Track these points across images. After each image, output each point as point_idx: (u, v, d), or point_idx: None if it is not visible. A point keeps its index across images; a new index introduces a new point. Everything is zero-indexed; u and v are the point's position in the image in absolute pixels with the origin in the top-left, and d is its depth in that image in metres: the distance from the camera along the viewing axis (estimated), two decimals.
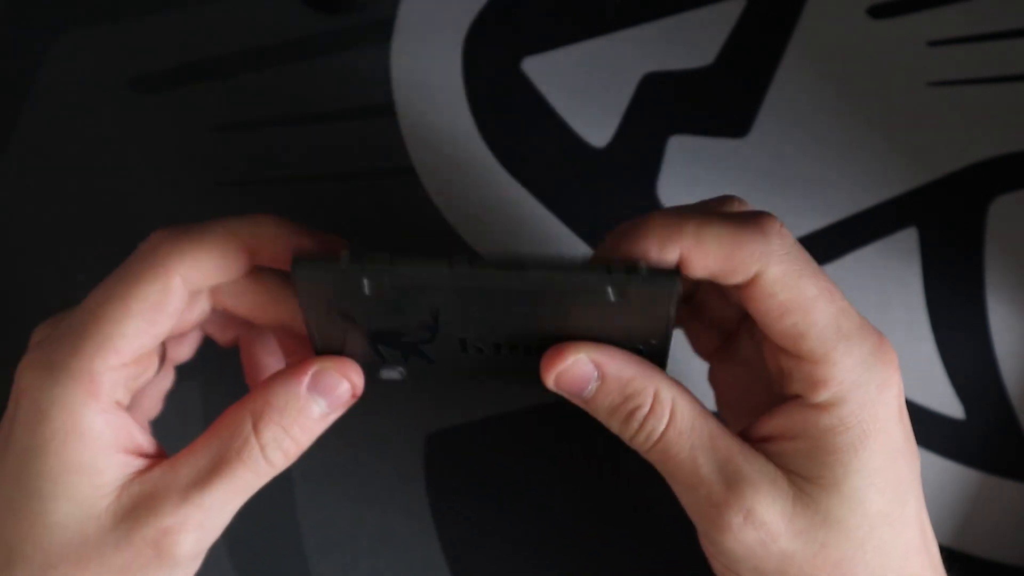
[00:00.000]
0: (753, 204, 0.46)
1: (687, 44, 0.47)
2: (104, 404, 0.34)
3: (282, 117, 0.47)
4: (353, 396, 0.36)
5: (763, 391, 0.38)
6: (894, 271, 0.46)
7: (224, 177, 0.47)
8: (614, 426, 0.35)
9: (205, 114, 0.47)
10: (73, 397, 0.33)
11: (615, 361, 0.34)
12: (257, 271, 0.36)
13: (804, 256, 0.33)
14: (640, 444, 0.35)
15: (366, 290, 0.33)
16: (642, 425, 0.34)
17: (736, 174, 0.46)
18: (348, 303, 0.34)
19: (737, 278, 0.33)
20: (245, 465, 0.34)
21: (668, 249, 0.33)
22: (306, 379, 0.35)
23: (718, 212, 0.34)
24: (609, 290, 0.33)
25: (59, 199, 0.46)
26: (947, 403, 0.46)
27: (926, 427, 0.45)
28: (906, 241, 0.46)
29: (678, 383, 0.35)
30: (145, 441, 0.35)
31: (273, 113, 0.47)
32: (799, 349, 0.33)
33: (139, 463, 0.34)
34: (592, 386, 0.34)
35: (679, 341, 0.40)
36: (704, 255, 0.33)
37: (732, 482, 0.33)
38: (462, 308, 0.34)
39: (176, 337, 0.39)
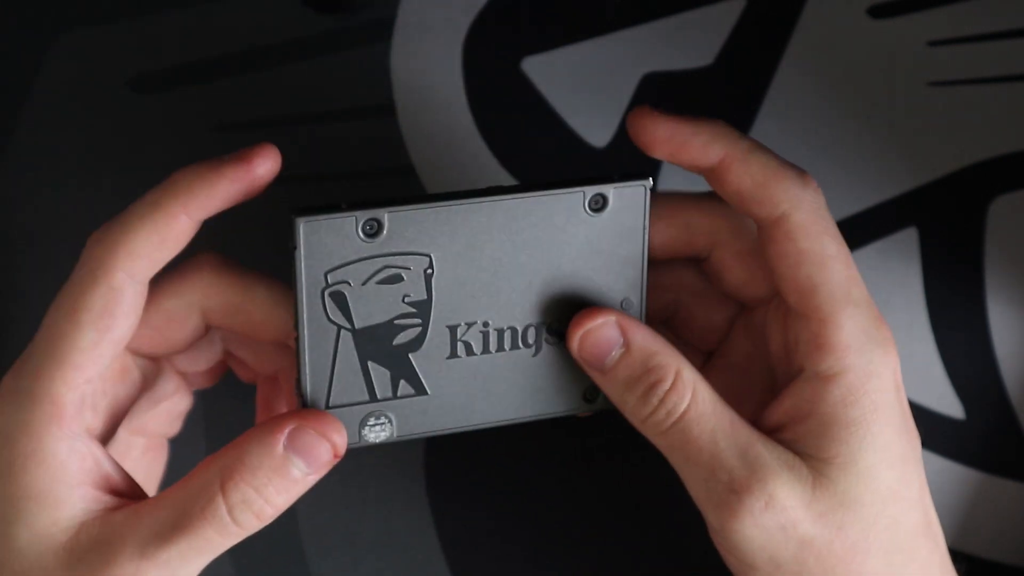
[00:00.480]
0: None
1: (687, 44, 0.47)
2: (69, 429, 0.32)
3: (282, 117, 0.47)
4: (335, 456, 0.33)
5: (754, 396, 0.38)
6: (894, 271, 0.46)
7: None
8: (630, 401, 0.34)
9: (205, 114, 0.47)
10: (34, 422, 0.32)
11: (642, 331, 0.34)
12: (249, 286, 0.36)
13: (830, 219, 0.34)
14: (657, 424, 0.34)
15: (360, 232, 0.33)
16: (663, 401, 0.33)
17: None
18: (344, 272, 0.33)
19: (763, 209, 0.34)
20: (209, 525, 0.32)
21: (715, 146, 0.34)
22: (282, 437, 0.32)
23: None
24: (585, 201, 0.34)
25: (59, 199, 0.46)
26: (947, 403, 0.46)
27: (926, 427, 0.45)
28: (906, 241, 0.46)
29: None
30: (118, 476, 0.34)
31: (273, 113, 0.47)
32: (807, 304, 0.34)
33: (107, 500, 0.33)
34: (615, 353, 0.34)
35: None
36: (744, 171, 0.34)
37: (754, 467, 0.33)
38: (454, 256, 0.34)
39: (189, 358, 0.38)
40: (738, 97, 0.47)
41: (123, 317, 0.33)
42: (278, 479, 0.32)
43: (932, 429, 0.45)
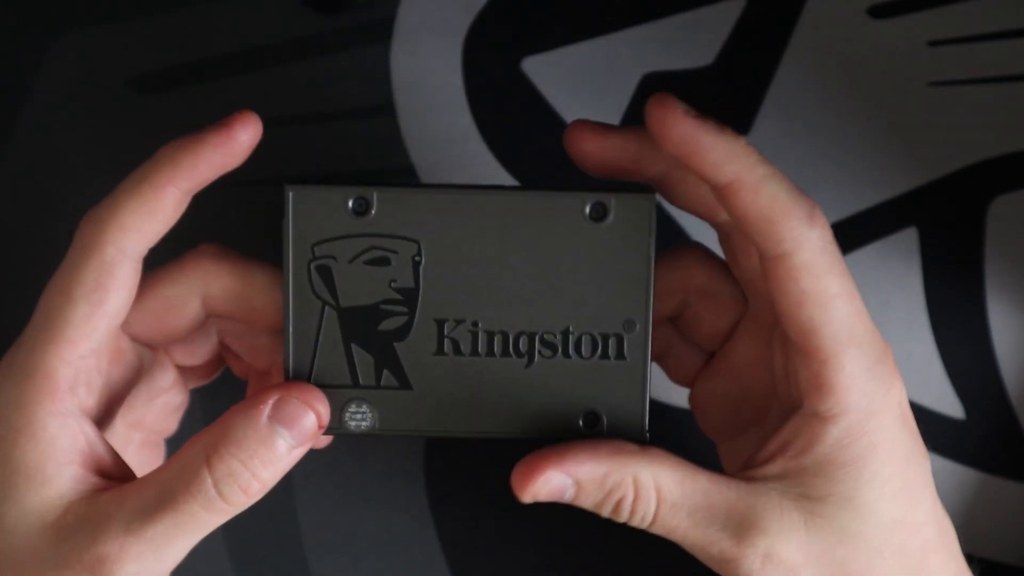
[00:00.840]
0: None
1: (687, 44, 0.47)
2: (62, 405, 0.33)
3: (282, 117, 0.47)
4: (319, 427, 0.33)
5: (756, 400, 0.37)
6: (894, 271, 0.46)
7: (224, 177, 0.47)
8: (604, 515, 0.34)
9: (205, 114, 0.47)
10: (26, 395, 0.32)
11: (584, 464, 0.33)
12: (248, 273, 0.36)
13: (836, 254, 0.33)
14: (637, 525, 0.34)
15: (349, 208, 0.33)
16: (633, 511, 0.33)
17: None
18: (331, 248, 0.33)
19: (765, 243, 0.33)
20: (195, 500, 0.32)
21: (728, 168, 0.32)
22: (267, 408, 0.32)
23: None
24: (584, 208, 0.34)
25: (59, 199, 0.46)
26: (947, 403, 0.46)
27: (926, 427, 0.45)
28: (906, 241, 0.46)
29: (653, 451, 0.34)
30: (109, 458, 0.34)
31: (273, 113, 0.47)
32: (809, 344, 0.33)
33: (95, 481, 0.33)
34: (570, 492, 0.34)
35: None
36: (752, 200, 0.32)
37: (741, 531, 0.33)
38: (444, 246, 0.33)
39: (186, 350, 0.38)
40: (738, 97, 0.47)
41: (115, 291, 0.33)
42: (264, 451, 0.32)
43: (932, 429, 0.45)
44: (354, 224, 0.33)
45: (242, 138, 0.33)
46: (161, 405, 0.39)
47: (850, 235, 0.46)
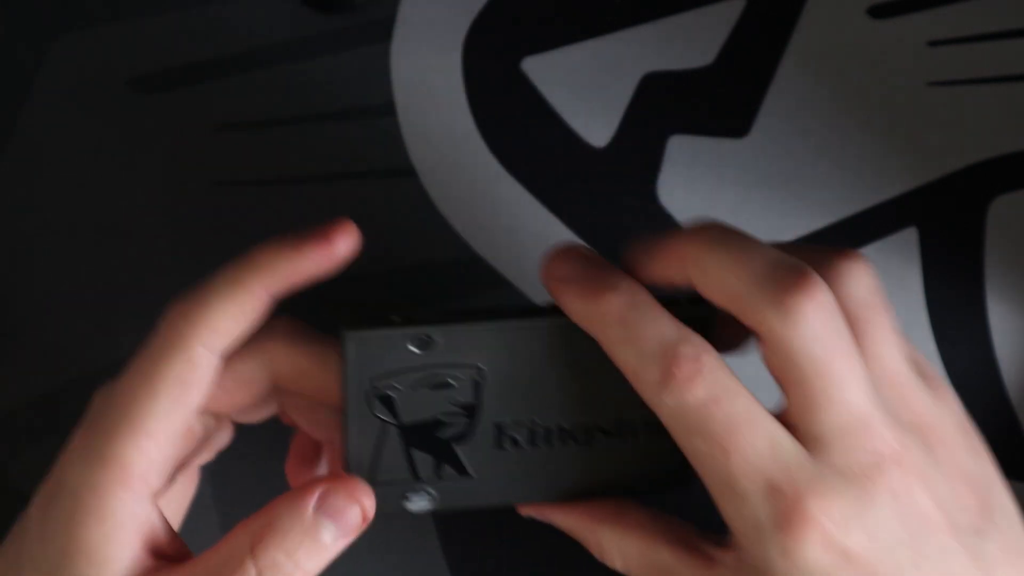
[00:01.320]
0: (753, 204, 0.46)
1: (687, 44, 0.47)
2: (134, 492, 0.33)
3: (282, 117, 0.47)
4: (364, 520, 0.34)
5: None
6: (894, 271, 0.46)
7: (224, 177, 0.47)
8: None
9: (205, 114, 0.47)
10: (99, 478, 0.33)
11: (556, 515, 0.37)
12: (320, 352, 0.36)
13: (701, 413, 0.32)
14: None
15: (411, 346, 0.33)
16: (603, 561, 0.36)
17: (736, 174, 0.46)
18: (392, 379, 0.34)
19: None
20: None
21: (590, 329, 0.33)
22: (313, 500, 0.33)
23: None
24: None
25: (59, 199, 0.46)
26: None
27: None
28: (906, 241, 0.46)
29: (628, 516, 0.36)
30: (166, 539, 0.35)
31: (273, 113, 0.47)
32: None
33: (150, 563, 0.34)
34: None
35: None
36: (613, 358, 0.33)
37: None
38: (505, 368, 0.34)
39: (248, 415, 0.39)
40: (738, 97, 0.47)
41: (197, 387, 0.34)
42: (308, 542, 0.33)
43: None
44: (417, 358, 0.33)
45: (340, 248, 0.34)
46: (208, 446, 0.40)
47: (850, 235, 0.46)
